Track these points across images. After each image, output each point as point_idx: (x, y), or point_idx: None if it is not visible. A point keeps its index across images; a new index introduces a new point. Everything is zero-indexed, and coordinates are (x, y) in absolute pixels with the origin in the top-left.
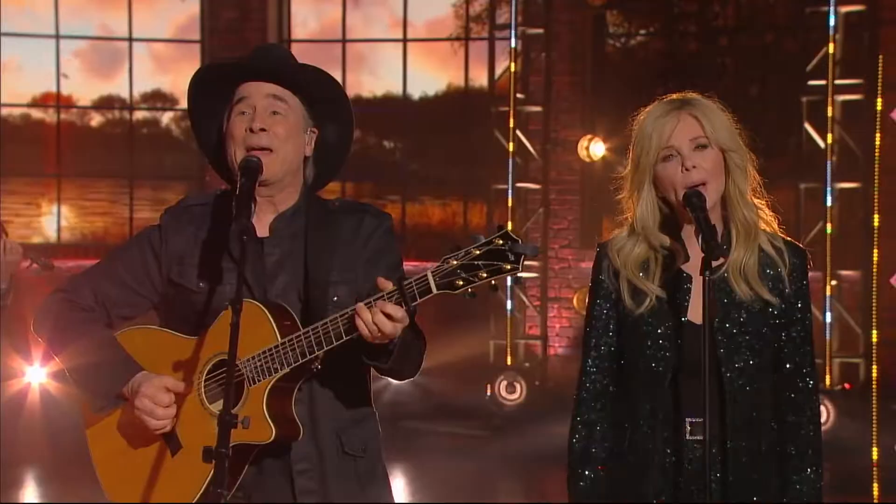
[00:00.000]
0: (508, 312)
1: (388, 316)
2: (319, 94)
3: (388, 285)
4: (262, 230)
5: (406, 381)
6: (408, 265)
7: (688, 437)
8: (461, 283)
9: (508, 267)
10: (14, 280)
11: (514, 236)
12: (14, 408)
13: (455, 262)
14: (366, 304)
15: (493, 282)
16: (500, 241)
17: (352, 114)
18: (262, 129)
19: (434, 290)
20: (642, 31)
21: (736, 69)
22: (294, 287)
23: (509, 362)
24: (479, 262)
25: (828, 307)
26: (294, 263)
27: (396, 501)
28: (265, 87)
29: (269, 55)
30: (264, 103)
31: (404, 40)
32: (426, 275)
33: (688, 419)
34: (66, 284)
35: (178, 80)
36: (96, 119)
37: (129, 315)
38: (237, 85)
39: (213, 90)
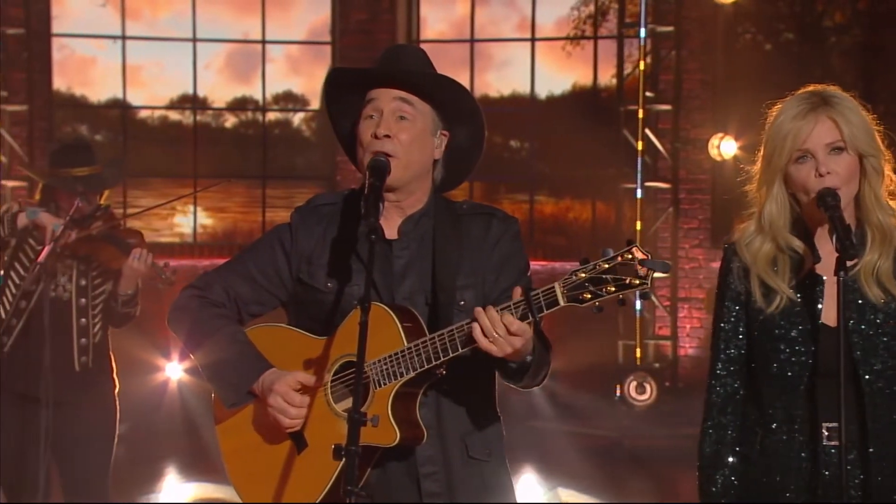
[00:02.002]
0: (637, 313)
1: (506, 327)
2: (448, 100)
3: (518, 295)
4: (390, 233)
5: None
6: (535, 265)
7: (825, 442)
8: (589, 296)
9: (637, 282)
10: (141, 288)
11: (644, 252)
12: (153, 403)
13: (583, 275)
14: (486, 312)
15: (620, 296)
16: (630, 256)
17: (483, 118)
18: (387, 136)
19: (562, 303)
20: (776, 27)
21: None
22: (421, 290)
23: (638, 363)
24: (608, 276)
25: None
26: (421, 266)
27: (522, 502)
28: (393, 91)
29: (399, 59)
30: (392, 107)
31: (532, 39)
32: (554, 287)
33: (824, 424)
34: (199, 281)
35: (309, 81)
36: (230, 120)
37: (258, 312)
38: (369, 87)
39: (347, 91)
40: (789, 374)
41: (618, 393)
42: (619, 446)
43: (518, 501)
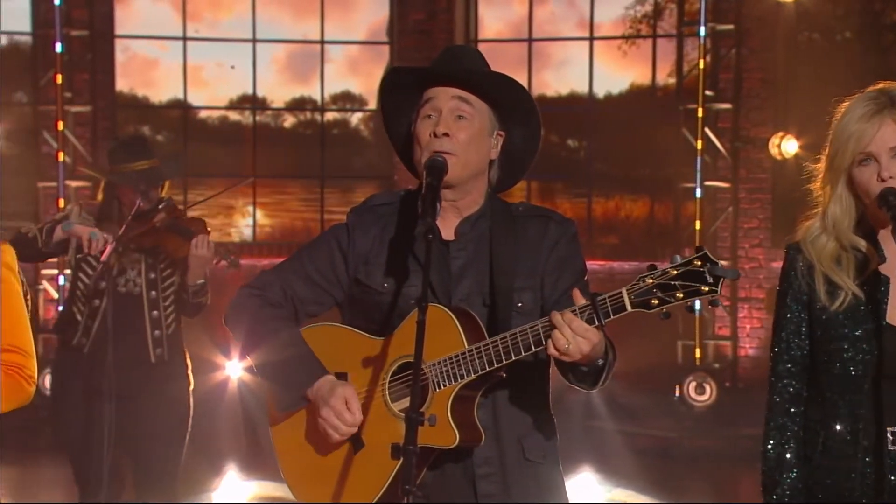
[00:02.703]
0: (697, 313)
1: (575, 332)
2: (506, 100)
3: (582, 300)
4: (447, 234)
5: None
6: (592, 264)
7: (890, 447)
8: (656, 302)
9: (706, 289)
10: (209, 277)
11: (714, 259)
12: (213, 400)
13: (651, 281)
14: (552, 317)
15: (689, 303)
16: (699, 263)
17: (539, 118)
18: (446, 134)
19: (629, 309)
20: (835, 26)
21: None
22: (478, 292)
23: (698, 363)
24: (676, 283)
25: None
26: (479, 268)
27: (581, 502)
28: (452, 90)
29: (457, 59)
30: (450, 106)
31: (590, 38)
32: (621, 292)
33: (889, 429)
34: (256, 280)
35: (368, 81)
36: (289, 120)
37: (315, 312)
38: (426, 87)
39: (404, 90)
40: (853, 373)
41: (677, 393)
42: (678, 447)
43: (576, 502)
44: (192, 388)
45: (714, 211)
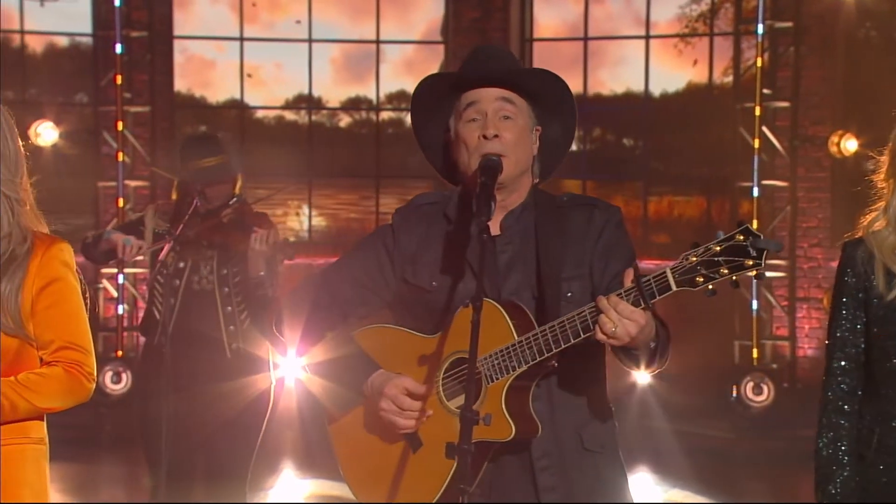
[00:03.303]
0: (754, 312)
1: (621, 315)
2: (548, 95)
3: (628, 281)
4: (493, 229)
5: (649, 381)
6: (648, 263)
7: None
8: (701, 279)
9: (750, 263)
10: (273, 270)
11: (756, 232)
12: (269, 398)
13: (694, 259)
14: (598, 302)
15: (734, 278)
16: (741, 237)
17: (576, 110)
18: (496, 136)
19: (674, 287)
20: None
21: None
22: (527, 285)
23: (755, 363)
24: (720, 259)
25: None
26: (526, 261)
27: (638, 502)
28: (494, 91)
29: (493, 59)
30: (495, 107)
31: (647, 37)
32: (665, 272)
33: None
34: (304, 284)
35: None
36: (344, 120)
37: (363, 314)
38: (464, 90)
39: (437, 97)
40: None
41: (734, 394)
42: (735, 448)
43: (634, 501)
44: (272, 382)
45: (772, 210)
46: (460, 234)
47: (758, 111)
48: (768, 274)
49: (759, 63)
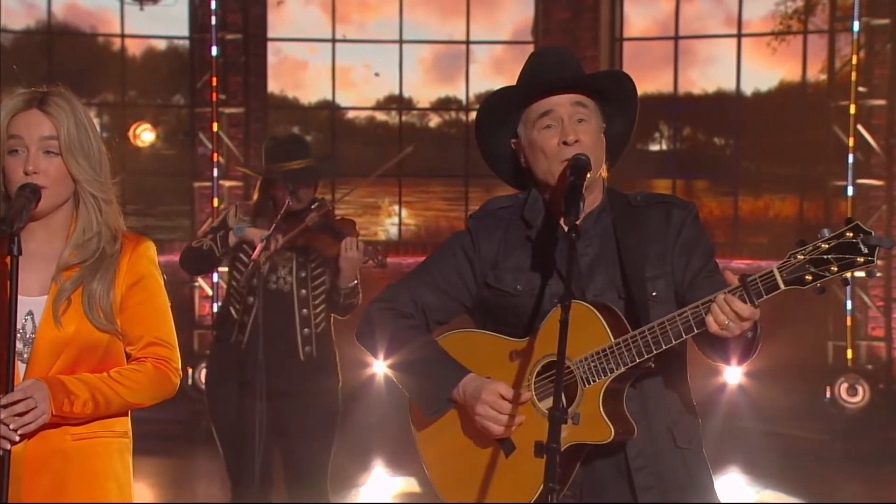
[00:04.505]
0: (848, 313)
1: (737, 313)
2: (617, 94)
3: (734, 280)
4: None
5: (739, 381)
6: (739, 263)
7: None
8: (810, 277)
9: (862, 260)
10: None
11: (866, 228)
12: (361, 397)
13: (802, 257)
14: (716, 299)
15: (844, 275)
16: (851, 234)
17: (638, 105)
18: (576, 141)
19: (782, 286)
20: None
21: None
22: (612, 286)
23: (850, 364)
24: (829, 256)
25: None
26: (608, 262)
27: (730, 502)
28: (566, 97)
29: (560, 64)
30: (569, 111)
31: (738, 35)
32: (772, 270)
33: None
34: (385, 293)
35: (512, 81)
36: (434, 120)
37: (444, 320)
38: (533, 99)
39: (503, 107)
40: None
41: (828, 395)
42: (829, 449)
43: (724, 501)
44: (340, 384)
45: (867, 209)
46: (543, 236)
47: (853, 109)
48: (861, 274)
49: (854, 60)
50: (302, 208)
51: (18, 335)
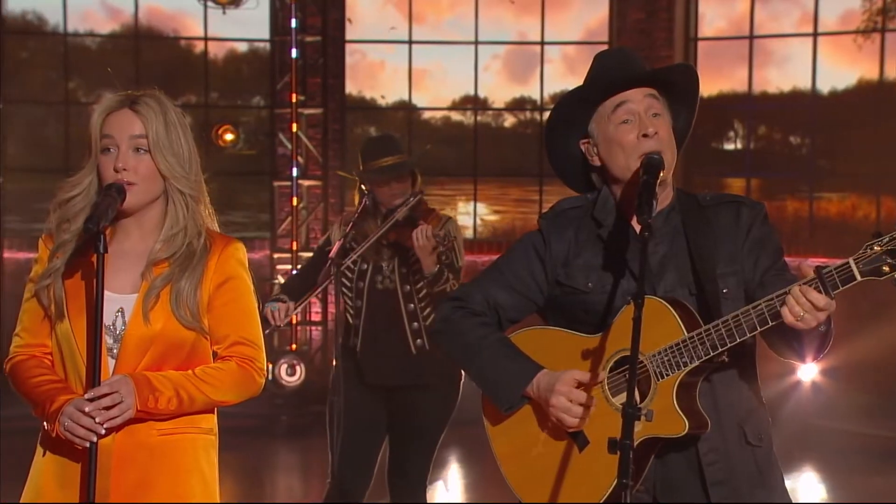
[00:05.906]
0: None
1: (812, 304)
2: (685, 87)
3: (810, 272)
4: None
5: (813, 379)
6: (815, 261)
7: None
8: (887, 269)
9: None
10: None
11: None
12: (457, 395)
13: (879, 248)
14: (791, 291)
15: None
16: None
17: (698, 98)
18: (656, 133)
19: (858, 278)
20: None
21: None
22: (683, 283)
23: None
24: None
25: None
26: (678, 260)
27: (804, 501)
28: (641, 90)
29: (630, 60)
30: (645, 105)
31: (814, 34)
32: (848, 262)
33: None
34: (458, 292)
35: None
36: (509, 120)
37: (515, 318)
38: (607, 95)
39: (576, 105)
40: None
41: None
42: None
43: (800, 502)
44: (462, 378)
45: None
46: (613, 235)
47: None
48: None
49: None
50: (400, 203)
51: (109, 331)
